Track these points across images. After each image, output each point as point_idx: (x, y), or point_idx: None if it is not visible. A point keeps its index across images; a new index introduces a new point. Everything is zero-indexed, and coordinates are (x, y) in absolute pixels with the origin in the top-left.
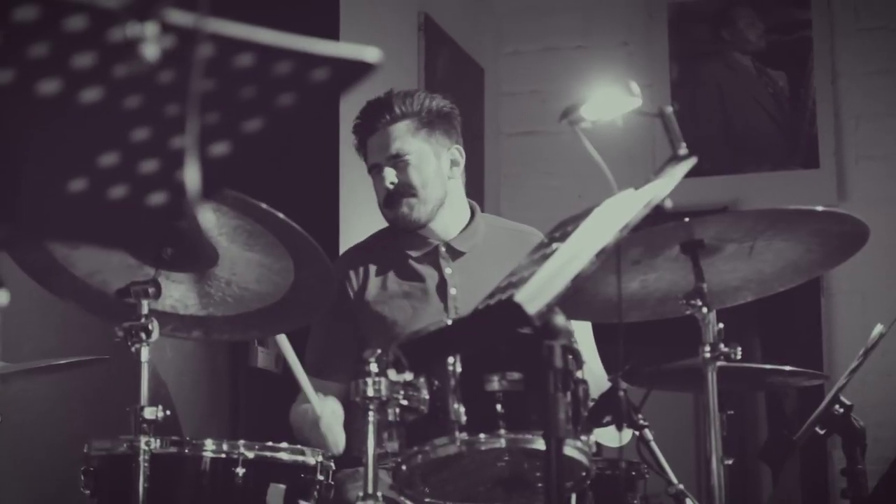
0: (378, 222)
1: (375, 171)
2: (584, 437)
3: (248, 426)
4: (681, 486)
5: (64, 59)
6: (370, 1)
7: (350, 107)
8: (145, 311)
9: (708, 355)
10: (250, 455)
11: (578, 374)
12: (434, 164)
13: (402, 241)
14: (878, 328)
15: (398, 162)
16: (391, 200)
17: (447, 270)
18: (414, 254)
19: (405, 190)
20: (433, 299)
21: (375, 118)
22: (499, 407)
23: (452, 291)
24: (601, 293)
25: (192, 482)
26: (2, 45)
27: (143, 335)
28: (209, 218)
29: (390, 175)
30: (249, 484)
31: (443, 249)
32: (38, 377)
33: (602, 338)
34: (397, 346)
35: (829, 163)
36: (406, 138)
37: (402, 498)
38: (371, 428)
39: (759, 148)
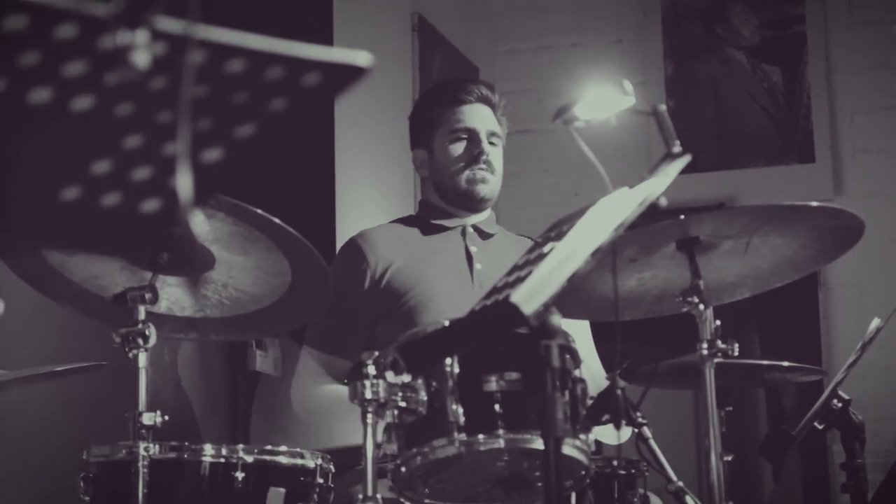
0: (375, 223)
1: (468, 135)
2: (582, 436)
3: (247, 430)
4: (680, 484)
5: (55, 68)
6: (363, 3)
7: (345, 110)
8: (142, 316)
9: (705, 352)
10: (249, 459)
11: (576, 372)
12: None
13: (430, 216)
14: (876, 322)
15: (493, 139)
16: (481, 162)
17: (472, 248)
18: (445, 224)
19: (491, 166)
20: (460, 268)
21: (481, 92)
22: (497, 407)
23: (478, 266)
24: (598, 292)
25: (192, 487)
26: None
27: (140, 341)
28: (203, 224)
29: (487, 146)
30: (249, 488)
31: (470, 229)
32: (37, 384)
33: (600, 336)
34: (395, 347)
35: (825, 157)
36: (497, 126)
37: (402, 500)
38: (369, 430)
39: (754, 143)
